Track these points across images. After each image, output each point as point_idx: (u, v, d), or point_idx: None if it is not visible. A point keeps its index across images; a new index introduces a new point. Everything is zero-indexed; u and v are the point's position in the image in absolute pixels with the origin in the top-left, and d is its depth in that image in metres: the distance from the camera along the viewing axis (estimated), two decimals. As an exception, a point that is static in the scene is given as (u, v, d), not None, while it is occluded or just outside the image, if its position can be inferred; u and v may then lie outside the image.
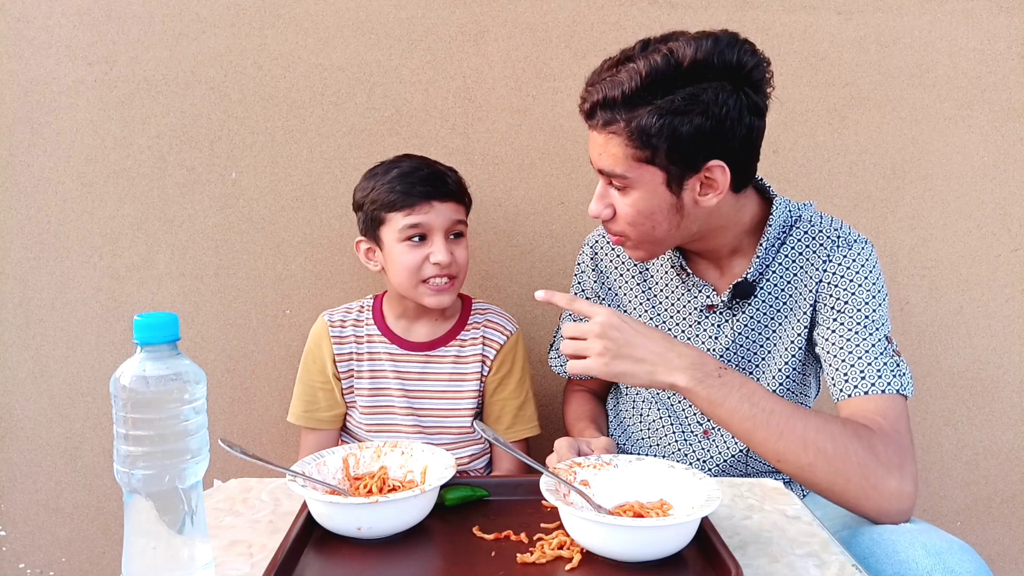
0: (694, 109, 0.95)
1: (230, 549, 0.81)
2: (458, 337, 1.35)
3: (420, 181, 1.24)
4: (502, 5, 1.53)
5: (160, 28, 1.52)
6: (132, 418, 0.63)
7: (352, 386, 1.36)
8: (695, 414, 1.20)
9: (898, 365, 1.01)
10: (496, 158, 1.58)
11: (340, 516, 0.81)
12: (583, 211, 1.59)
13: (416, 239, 1.25)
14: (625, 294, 1.26)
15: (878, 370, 1.00)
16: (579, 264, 1.34)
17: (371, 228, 1.29)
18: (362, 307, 1.39)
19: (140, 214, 1.56)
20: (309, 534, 0.82)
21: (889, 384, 0.99)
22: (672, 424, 1.22)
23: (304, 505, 0.84)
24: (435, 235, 1.25)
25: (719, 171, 1.00)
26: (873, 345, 1.02)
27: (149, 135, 1.54)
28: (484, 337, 1.36)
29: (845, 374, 1.01)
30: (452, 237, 1.28)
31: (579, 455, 1.00)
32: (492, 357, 1.35)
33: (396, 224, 1.24)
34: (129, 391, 0.63)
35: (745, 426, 0.91)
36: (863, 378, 1.00)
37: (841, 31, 1.56)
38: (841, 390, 1.02)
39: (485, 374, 1.36)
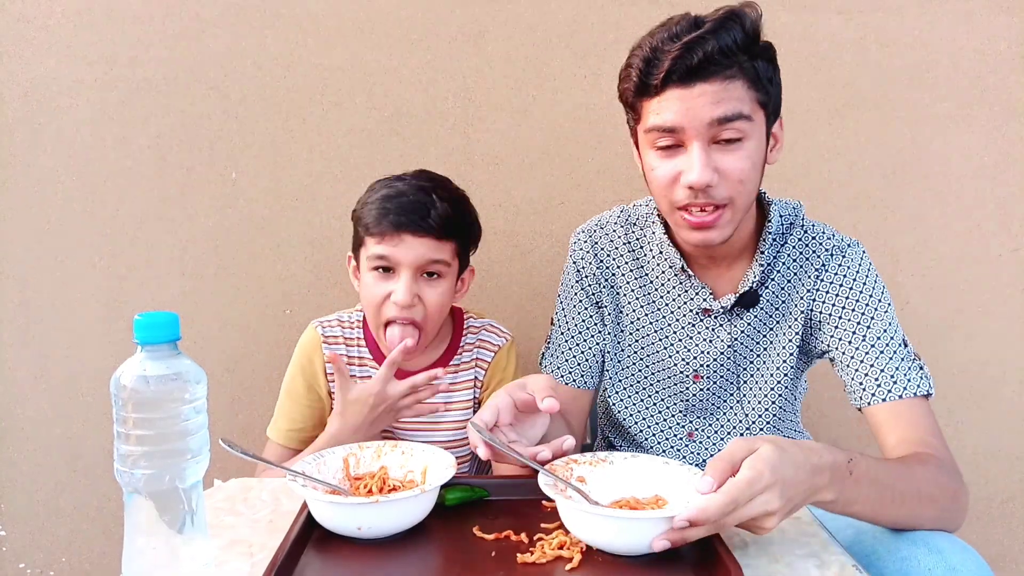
0: (775, 59, 1.03)
1: (230, 549, 0.81)
2: (451, 363, 1.25)
3: (397, 209, 1.12)
4: (502, 5, 1.53)
5: (160, 28, 1.52)
6: (132, 418, 0.63)
7: None
8: (674, 416, 1.20)
9: (921, 368, 1.05)
10: (496, 158, 1.58)
11: (340, 516, 0.80)
12: (583, 211, 1.59)
13: (382, 270, 1.14)
14: (622, 288, 1.20)
15: (905, 374, 1.03)
16: (577, 251, 1.22)
17: (355, 246, 1.21)
18: (352, 323, 1.27)
19: (140, 214, 1.56)
20: (309, 534, 0.82)
21: (917, 387, 1.02)
22: (657, 429, 1.22)
23: (304, 505, 0.84)
24: (401, 270, 1.13)
25: (778, 124, 1.07)
26: (895, 351, 1.05)
27: (149, 135, 1.54)
28: (477, 359, 1.27)
29: (875, 379, 1.04)
30: (426, 276, 1.15)
31: (516, 403, 0.92)
32: (483, 377, 1.27)
33: (368, 249, 1.15)
34: (129, 391, 0.63)
35: (873, 508, 0.86)
36: (893, 382, 1.03)
37: (841, 31, 1.56)
38: (864, 396, 1.05)
39: (477, 396, 1.27)
